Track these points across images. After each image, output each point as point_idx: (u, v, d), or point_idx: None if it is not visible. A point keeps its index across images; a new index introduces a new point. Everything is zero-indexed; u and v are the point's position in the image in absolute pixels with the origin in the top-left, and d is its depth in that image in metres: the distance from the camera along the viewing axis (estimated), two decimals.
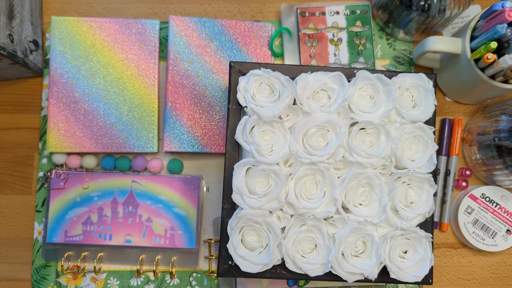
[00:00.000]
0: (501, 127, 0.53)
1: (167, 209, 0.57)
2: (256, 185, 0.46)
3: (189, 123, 0.58)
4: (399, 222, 0.47)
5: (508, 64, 0.47)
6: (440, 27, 0.59)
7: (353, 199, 0.47)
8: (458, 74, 0.55)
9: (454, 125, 0.61)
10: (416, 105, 0.49)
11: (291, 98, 0.46)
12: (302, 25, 0.60)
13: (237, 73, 0.49)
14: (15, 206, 0.60)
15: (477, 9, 0.62)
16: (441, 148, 0.60)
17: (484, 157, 0.57)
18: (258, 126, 0.47)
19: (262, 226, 0.46)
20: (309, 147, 0.46)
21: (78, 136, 0.57)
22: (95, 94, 0.58)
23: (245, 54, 0.60)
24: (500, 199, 0.58)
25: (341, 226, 0.47)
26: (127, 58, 0.59)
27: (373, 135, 0.47)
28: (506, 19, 0.47)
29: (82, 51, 0.58)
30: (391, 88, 0.47)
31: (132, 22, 0.59)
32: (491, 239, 0.58)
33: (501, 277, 0.60)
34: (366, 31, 0.61)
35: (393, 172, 0.48)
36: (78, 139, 0.57)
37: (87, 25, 0.59)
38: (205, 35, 0.59)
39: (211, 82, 0.59)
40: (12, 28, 0.54)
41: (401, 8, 0.55)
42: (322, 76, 0.48)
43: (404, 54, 0.62)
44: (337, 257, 0.45)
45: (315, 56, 0.60)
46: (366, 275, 0.46)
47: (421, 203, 0.47)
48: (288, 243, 0.46)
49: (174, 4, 0.62)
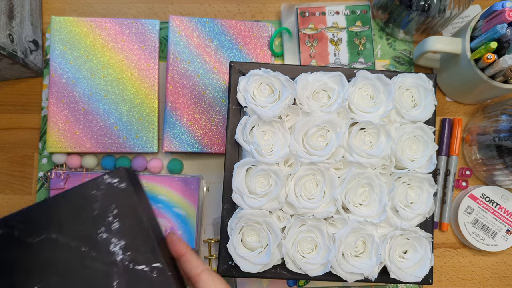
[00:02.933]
0: (501, 127, 0.53)
1: (167, 209, 0.57)
2: (256, 185, 0.46)
3: (189, 123, 0.58)
4: (399, 222, 0.47)
5: (508, 64, 0.47)
6: (440, 27, 0.59)
7: (353, 199, 0.47)
8: (458, 74, 0.55)
9: (454, 125, 0.61)
10: (416, 105, 0.49)
11: (291, 98, 0.46)
12: (302, 25, 0.60)
13: (237, 73, 0.49)
14: (15, 206, 0.59)
15: (477, 9, 0.62)
16: (441, 148, 0.60)
17: (484, 157, 0.57)
18: (258, 126, 0.47)
19: (262, 226, 0.46)
20: (309, 147, 0.46)
21: (78, 136, 0.57)
22: (95, 94, 0.58)
23: (245, 54, 0.60)
24: (500, 199, 0.58)
25: (341, 226, 0.47)
26: (127, 58, 0.59)
27: (373, 135, 0.47)
28: (506, 19, 0.47)
29: (82, 51, 0.58)
30: (391, 88, 0.47)
31: (132, 22, 0.59)
32: (491, 239, 0.58)
33: (501, 277, 0.60)
34: (366, 31, 0.61)
35: (393, 172, 0.48)
36: (78, 139, 0.57)
37: (87, 25, 0.59)
38: (205, 35, 0.59)
39: (211, 82, 0.59)
40: (12, 28, 0.54)
41: (401, 8, 0.55)
42: (322, 76, 0.48)
43: (404, 54, 0.62)
44: (337, 257, 0.45)
45: (315, 56, 0.60)
46: (366, 275, 0.46)
47: (421, 203, 0.47)
48: (288, 243, 0.46)
49: (174, 4, 0.62)
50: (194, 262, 0.38)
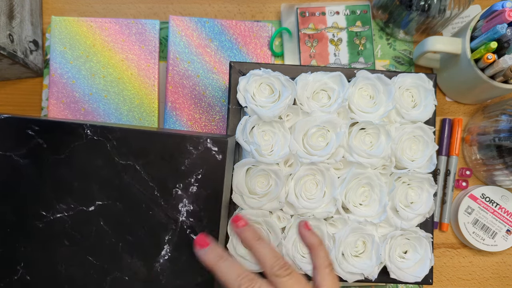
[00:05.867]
0: (501, 127, 0.53)
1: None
2: (256, 185, 0.46)
3: (189, 123, 0.58)
4: (399, 222, 0.47)
5: (508, 64, 0.47)
6: (440, 27, 0.59)
7: (353, 199, 0.47)
8: (458, 74, 0.55)
9: (454, 125, 0.61)
10: (416, 105, 0.49)
11: (291, 98, 0.46)
12: (302, 25, 0.60)
13: (237, 73, 0.49)
14: None
15: (477, 9, 0.62)
16: (441, 148, 0.60)
17: (484, 157, 0.57)
18: (258, 126, 0.47)
19: (262, 226, 0.46)
20: (309, 147, 0.46)
21: None
22: (95, 94, 0.58)
23: (245, 54, 0.60)
24: (500, 199, 0.58)
25: (341, 226, 0.47)
26: (127, 58, 0.59)
27: (373, 135, 0.47)
28: (506, 19, 0.47)
29: (82, 51, 0.58)
30: (391, 88, 0.47)
31: (132, 22, 0.59)
32: (491, 239, 0.58)
33: (501, 277, 0.60)
34: (366, 31, 0.61)
35: (393, 172, 0.48)
36: None
37: (87, 25, 0.59)
38: (205, 35, 0.59)
39: (211, 82, 0.59)
40: (12, 28, 0.54)
41: (401, 8, 0.55)
42: (322, 76, 0.48)
43: (404, 54, 0.62)
44: (337, 257, 0.45)
45: (315, 56, 0.60)
46: (366, 275, 0.46)
47: (421, 203, 0.47)
48: (288, 243, 0.46)
49: (174, 4, 0.62)
50: (322, 257, 0.39)
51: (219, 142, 0.40)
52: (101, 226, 0.41)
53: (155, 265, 0.40)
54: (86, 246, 0.41)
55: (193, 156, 0.40)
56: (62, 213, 0.41)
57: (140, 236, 0.41)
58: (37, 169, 0.41)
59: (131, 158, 0.40)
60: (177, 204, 0.40)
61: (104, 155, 0.41)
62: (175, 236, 0.40)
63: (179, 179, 0.40)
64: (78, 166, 0.41)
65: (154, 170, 0.40)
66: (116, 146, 0.41)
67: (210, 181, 0.40)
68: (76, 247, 0.41)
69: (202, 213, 0.40)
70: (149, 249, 0.40)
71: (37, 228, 0.41)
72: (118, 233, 0.41)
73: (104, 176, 0.41)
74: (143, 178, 0.40)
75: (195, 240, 0.37)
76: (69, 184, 0.41)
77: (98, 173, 0.41)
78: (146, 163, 0.40)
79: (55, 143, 0.41)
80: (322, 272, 0.37)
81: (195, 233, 0.40)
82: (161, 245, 0.40)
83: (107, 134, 0.41)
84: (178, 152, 0.40)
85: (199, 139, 0.40)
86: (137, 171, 0.40)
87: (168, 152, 0.40)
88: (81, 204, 0.41)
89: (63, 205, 0.41)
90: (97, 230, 0.41)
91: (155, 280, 0.40)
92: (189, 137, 0.40)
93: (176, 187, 0.40)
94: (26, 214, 0.41)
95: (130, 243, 0.41)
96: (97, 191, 0.41)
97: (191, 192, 0.40)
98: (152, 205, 0.40)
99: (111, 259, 0.41)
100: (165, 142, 0.40)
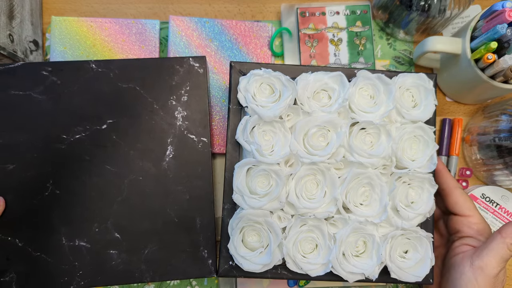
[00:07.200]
0: (501, 127, 0.53)
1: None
2: (256, 185, 0.46)
3: None
4: (399, 222, 0.47)
5: (508, 64, 0.48)
6: (440, 27, 0.59)
7: (353, 199, 0.47)
8: (458, 74, 0.55)
9: (454, 125, 0.61)
10: (417, 105, 0.49)
11: (291, 98, 0.46)
12: (302, 25, 0.60)
13: (237, 73, 0.49)
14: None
15: (477, 9, 0.62)
16: (441, 148, 0.60)
17: (484, 157, 0.57)
18: (259, 126, 0.47)
19: (263, 226, 0.46)
20: (310, 147, 0.46)
21: None
22: None
23: (245, 54, 0.60)
24: (500, 199, 0.58)
25: (341, 226, 0.47)
26: (127, 58, 0.59)
27: (374, 135, 0.47)
28: (506, 19, 0.47)
29: (82, 51, 0.58)
30: (392, 88, 0.47)
31: (132, 22, 0.59)
32: None
33: None
34: (366, 31, 0.61)
35: (394, 172, 0.48)
36: None
37: (87, 25, 0.59)
38: (205, 35, 0.59)
39: (211, 82, 0.59)
40: (12, 28, 0.54)
41: (401, 8, 0.55)
42: (322, 76, 0.48)
43: (404, 54, 0.62)
44: (338, 257, 0.45)
45: (315, 56, 0.60)
46: (367, 275, 0.46)
47: (422, 202, 0.47)
48: (288, 243, 0.46)
49: (174, 4, 0.62)
50: (451, 179, 0.49)
51: (199, 59, 0.51)
52: (114, 139, 0.49)
53: (162, 163, 0.49)
54: (104, 158, 0.49)
55: (180, 73, 0.50)
56: (80, 134, 0.49)
57: (147, 142, 0.50)
58: (55, 102, 0.49)
59: (131, 82, 0.50)
60: (173, 112, 0.50)
61: (109, 82, 0.50)
62: (175, 138, 0.50)
63: (172, 92, 0.50)
64: (89, 94, 0.50)
65: (151, 89, 0.50)
66: (117, 74, 0.50)
67: (196, 90, 0.50)
68: (95, 160, 0.49)
69: (194, 116, 0.50)
70: (156, 152, 0.49)
71: (60, 149, 0.49)
72: (129, 143, 0.49)
73: (111, 99, 0.50)
74: (143, 96, 0.50)
75: None
76: (83, 109, 0.49)
77: (105, 98, 0.50)
78: (144, 84, 0.50)
79: (67, 78, 0.50)
80: (455, 193, 0.49)
81: (191, 133, 0.49)
82: (165, 147, 0.49)
83: (109, 65, 0.50)
84: (168, 71, 0.50)
85: (183, 59, 0.50)
86: (137, 91, 0.50)
87: (160, 73, 0.50)
88: (95, 125, 0.49)
89: (80, 127, 0.49)
90: (111, 143, 0.49)
91: (164, 175, 0.49)
92: (174, 59, 0.51)
93: (171, 99, 0.50)
94: (49, 140, 0.49)
95: (139, 149, 0.49)
96: (107, 112, 0.49)
97: (183, 101, 0.50)
98: (153, 116, 0.50)
99: (126, 165, 0.49)
100: (157, 65, 0.50)
